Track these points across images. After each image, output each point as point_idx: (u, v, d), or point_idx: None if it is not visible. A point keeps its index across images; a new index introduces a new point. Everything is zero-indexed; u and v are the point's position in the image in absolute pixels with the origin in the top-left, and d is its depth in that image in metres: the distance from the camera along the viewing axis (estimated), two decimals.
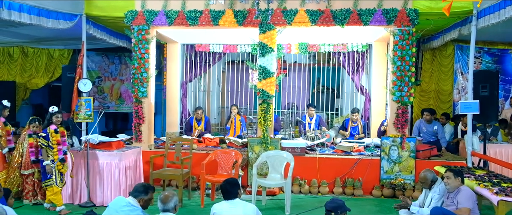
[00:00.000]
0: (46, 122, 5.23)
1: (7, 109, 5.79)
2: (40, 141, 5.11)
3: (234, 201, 3.49)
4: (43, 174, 5.19)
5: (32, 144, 5.33)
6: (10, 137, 5.76)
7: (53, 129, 5.16)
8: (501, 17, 5.20)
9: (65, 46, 9.24)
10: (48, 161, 5.09)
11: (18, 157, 5.51)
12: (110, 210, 3.42)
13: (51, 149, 5.13)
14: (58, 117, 5.24)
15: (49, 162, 5.09)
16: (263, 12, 6.13)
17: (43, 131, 5.16)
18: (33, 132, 5.37)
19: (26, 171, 5.44)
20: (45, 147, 5.10)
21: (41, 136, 5.11)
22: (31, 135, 5.36)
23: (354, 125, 7.72)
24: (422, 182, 4.28)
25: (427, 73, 8.52)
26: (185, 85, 8.85)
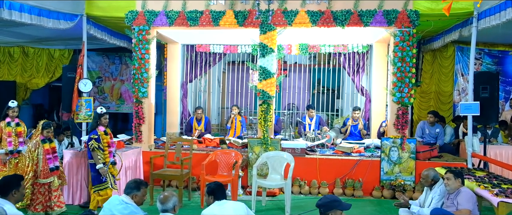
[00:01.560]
0: (94, 123, 5.05)
1: (11, 109, 5.47)
2: (92, 143, 4.84)
3: (223, 202, 3.48)
4: (96, 178, 4.94)
5: (49, 150, 4.95)
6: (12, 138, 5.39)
7: (102, 131, 4.98)
8: (501, 18, 5.21)
9: (65, 46, 9.24)
10: (101, 164, 4.87)
11: (32, 165, 4.87)
12: (105, 210, 3.42)
13: (101, 151, 4.91)
14: (106, 118, 5.06)
15: (102, 165, 4.88)
16: (264, 12, 6.14)
17: (93, 133, 4.94)
18: (46, 137, 4.97)
19: (45, 179, 4.91)
20: (96, 149, 4.87)
21: (93, 138, 4.87)
22: (46, 141, 4.96)
23: (355, 123, 7.71)
24: (423, 178, 4.28)
25: (427, 75, 8.52)
26: (185, 86, 8.85)
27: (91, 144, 4.87)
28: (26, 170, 4.87)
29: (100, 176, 4.92)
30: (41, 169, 4.88)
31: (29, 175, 4.83)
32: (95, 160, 4.90)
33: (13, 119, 5.45)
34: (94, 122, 5.08)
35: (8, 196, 3.34)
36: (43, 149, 4.91)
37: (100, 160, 4.88)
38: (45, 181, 4.92)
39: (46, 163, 4.91)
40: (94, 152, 4.88)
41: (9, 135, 5.40)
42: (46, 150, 4.93)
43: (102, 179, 4.92)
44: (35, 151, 4.88)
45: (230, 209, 3.41)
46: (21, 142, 5.48)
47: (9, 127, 5.41)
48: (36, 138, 4.93)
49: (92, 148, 4.87)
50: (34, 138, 4.94)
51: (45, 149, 4.92)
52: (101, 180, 4.93)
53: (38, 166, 4.88)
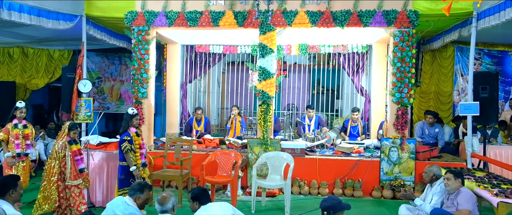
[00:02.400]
0: (125, 124, 4.95)
1: (19, 110, 5.36)
2: (126, 145, 4.75)
3: (208, 205, 3.48)
4: (123, 181, 4.88)
5: (76, 152, 4.90)
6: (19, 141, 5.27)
7: (134, 132, 4.91)
8: (501, 18, 5.21)
9: (65, 47, 9.24)
10: (134, 167, 4.79)
11: (58, 167, 4.78)
12: (108, 210, 3.44)
13: (133, 153, 4.85)
14: (138, 118, 5.00)
15: (135, 167, 4.80)
16: (263, 13, 6.14)
17: (126, 134, 4.86)
18: (72, 139, 4.88)
19: (75, 181, 4.83)
20: (129, 151, 4.81)
21: (126, 140, 4.80)
22: (72, 142, 4.88)
23: (354, 124, 7.72)
24: (426, 173, 4.34)
25: (427, 75, 8.52)
26: (185, 86, 8.85)
27: (124, 146, 4.77)
28: (52, 171, 4.76)
29: (129, 178, 4.82)
30: (69, 171, 4.79)
31: (55, 177, 4.74)
32: (128, 162, 4.81)
33: (20, 120, 5.33)
34: (125, 123, 4.95)
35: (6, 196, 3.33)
36: (70, 150, 4.83)
37: (132, 162, 4.80)
38: (75, 182, 4.82)
39: (74, 165, 4.85)
40: (127, 154, 4.78)
41: (17, 137, 5.29)
42: (74, 151, 4.87)
43: (130, 182, 4.82)
44: (62, 152, 4.78)
45: (217, 210, 3.42)
46: (29, 145, 5.38)
47: (16, 129, 5.29)
48: (61, 139, 4.82)
49: (126, 150, 4.77)
50: (60, 140, 4.83)
51: (72, 150, 4.85)
52: (129, 183, 4.80)
53: (66, 168, 4.78)
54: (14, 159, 5.25)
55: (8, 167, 5.29)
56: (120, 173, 4.91)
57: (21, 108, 5.35)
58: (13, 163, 5.25)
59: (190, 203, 3.58)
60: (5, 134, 5.28)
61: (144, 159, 5.00)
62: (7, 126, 5.29)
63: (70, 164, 4.80)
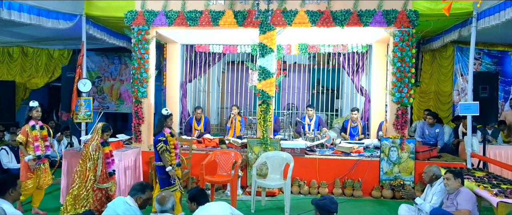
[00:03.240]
0: (160, 125, 4.85)
1: (34, 109, 5.13)
2: (161, 146, 4.69)
3: (206, 205, 3.48)
4: (164, 181, 4.82)
5: (108, 154, 4.79)
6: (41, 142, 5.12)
7: (168, 132, 4.87)
8: (501, 18, 5.21)
9: (65, 46, 9.24)
10: (170, 167, 4.75)
11: (93, 169, 4.66)
12: (109, 210, 3.44)
13: (168, 153, 4.80)
14: (172, 119, 4.95)
15: (171, 167, 4.75)
16: (263, 12, 6.13)
17: (161, 134, 4.79)
18: (105, 140, 4.78)
19: (104, 184, 4.69)
20: (165, 151, 4.75)
21: (161, 141, 4.72)
22: (105, 144, 4.77)
23: (354, 124, 7.72)
24: (425, 173, 4.34)
25: (427, 75, 8.53)
26: (184, 86, 8.85)
27: (160, 146, 4.71)
28: (87, 174, 4.63)
29: (169, 178, 4.80)
30: (99, 174, 4.68)
31: (90, 181, 4.62)
32: (165, 163, 4.75)
33: (36, 120, 5.15)
34: (159, 124, 4.87)
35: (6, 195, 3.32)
36: (103, 152, 4.72)
37: (168, 163, 4.76)
38: (103, 186, 4.70)
39: (105, 167, 4.75)
40: (162, 155, 4.74)
41: (36, 139, 5.07)
42: (106, 153, 4.75)
43: (170, 181, 4.80)
44: (96, 154, 4.66)
45: (215, 210, 3.41)
46: (47, 146, 5.20)
47: (34, 131, 5.09)
48: (95, 140, 4.70)
49: (162, 151, 4.72)
50: (93, 141, 4.72)
51: (104, 152, 4.73)
52: (170, 183, 4.80)
53: (97, 170, 4.66)
54: (35, 161, 5.04)
55: (30, 170, 5.05)
56: (159, 173, 4.86)
57: (36, 107, 5.15)
58: (35, 166, 5.03)
59: (188, 203, 3.58)
60: (24, 136, 5.03)
61: (178, 159, 4.97)
62: (24, 127, 5.06)
63: (101, 166, 4.70)
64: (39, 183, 5.15)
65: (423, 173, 4.45)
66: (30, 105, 5.15)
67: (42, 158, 5.12)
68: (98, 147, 4.68)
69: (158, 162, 4.85)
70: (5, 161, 7.15)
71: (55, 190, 6.13)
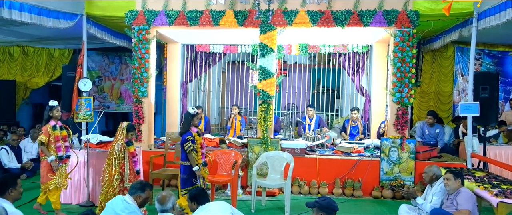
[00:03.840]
0: (186, 124, 4.77)
1: (55, 109, 5.00)
2: (189, 145, 4.62)
3: (206, 205, 3.48)
4: (187, 181, 4.75)
5: (133, 153, 4.80)
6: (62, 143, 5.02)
7: (195, 131, 4.79)
8: (501, 19, 5.21)
9: (65, 46, 9.24)
10: (197, 167, 4.67)
11: (118, 168, 4.68)
12: (108, 209, 3.44)
13: (195, 153, 4.73)
14: (199, 118, 4.87)
15: (197, 167, 4.68)
16: (264, 12, 6.14)
17: (188, 134, 4.71)
18: (130, 140, 4.78)
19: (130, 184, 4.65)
20: (192, 151, 4.67)
21: (189, 140, 4.65)
22: (129, 143, 4.78)
23: (354, 124, 7.72)
24: (426, 173, 4.34)
25: (427, 75, 8.53)
26: (185, 86, 8.85)
27: (188, 145, 4.63)
28: (113, 174, 4.65)
29: (192, 178, 4.74)
30: (128, 173, 4.69)
31: (117, 181, 4.64)
32: (192, 162, 4.68)
33: (56, 120, 5.05)
34: (186, 123, 4.79)
35: (5, 194, 3.33)
36: (128, 151, 4.75)
37: (195, 162, 4.70)
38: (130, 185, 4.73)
39: (132, 166, 4.76)
40: (190, 154, 4.66)
41: (57, 139, 4.98)
42: (131, 152, 4.78)
43: (193, 181, 4.73)
44: (122, 154, 4.68)
45: (215, 210, 3.42)
46: (67, 147, 5.11)
47: (56, 131, 4.98)
48: (119, 140, 4.72)
49: (189, 150, 4.65)
50: (118, 140, 4.73)
51: (130, 152, 4.77)
52: (192, 183, 4.72)
53: (124, 169, 4.69)
54: (58, 162, 4.95)
55: (52, 171, 4.95)
56: (183, 172, 4.79)
57: (57, 106, 5.03)
58: (57, 166, 4.94)
59: (189, 203, 3.58)
60: (46, 136, 4.90)
61: (204, 158, 4.93)
62: (45, 127, 4.92)
63: (128, 165, 4.73)
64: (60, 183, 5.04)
65: (423, 173, 4.45)
66: (50, 105, 5.00)
67: (64, 158, 5.04)
68: (123, 146, 4.71)
69: (184, 161, 4.77)
70: (5, 161, 7.16)
71: None
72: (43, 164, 4.98)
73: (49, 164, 4.91)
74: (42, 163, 5.01)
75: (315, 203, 3.18)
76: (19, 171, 7.14)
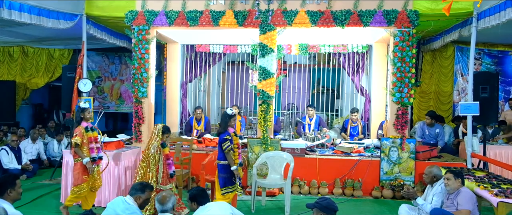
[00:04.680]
0: (224, 124, 4.74)
1: (87, 111, 4.93)
2: (228, 145, 4.61)
3: (206, 205, 3.48)
4: (227, 180, 4.73)
5: (168, 155, 4.81)
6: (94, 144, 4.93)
7: (232, 132, 4.79)
8: (501, 18, 5.21)
9: (65, 46, 9.24)
10: (235, 166, 4.67)
11: (154, 170, 4.68)
12: (109, 209, 3.44)
13: (233, 153, 4.71)
14: (236, 119, 4.88)
15: (236, 167, 4.67)
16: (264, 12, 6.14)
17: (226, 134, 4.70)
18: (165, 142, 4.78)
19: (166, 186, 4.76)
20: (231, 151, 4.66)
21: (227, 140, 4.64)
22: (164, 145, 4.78)
23: (354, 125, 7.72)
24: (426, 174, 4.34)
25: (427, 75, 8.53)
26: (185, 86, 8.85)
27: (227, 145, 4.62)
28: (149, 176, 4.63)
29: (232, 178, 4.74)
30: (162, 175, 4.69)
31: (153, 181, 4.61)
32: (230, 162, 4.67)
33: (88, 122, 4.96)
34: (224, 123, 4.77)
35: (4, 195, 3.33)
36: (163, 153, 4.73)
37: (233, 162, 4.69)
38: (166, 187, 4.71)
39: (166, 169, 4.77)
40: (228, 154, 4.65)
41: (90, 140, 4.89)
42: (166, 154, 4.78)
43: (233, 180, 4.74)
44: (158, 155, 4.67)
45: (215, 210, 3.42)
46: (99, 148, 5.01)
47: (89, 132, 4.91)
48: (154, 142, 4.69)
49: (227, 150, 4.64)
50: (153, 142, 4.70)
51: (164, 153, 4.76)
52: (232, 182, 4.74)
53: (158, 171, 4.68)
54: (92, 164, 4.86)
55: (86, 173, 4.86)
56: (222, 171, 4.76)
57: (88, 108, 4.98)
58: (92, 168, 4.86)
59: (189, 203, 3.58)
60: (80, 137, 4.81)
61: (240, 158, 4.91)
62: (79, 129, 4.84)
63: (163, 167, 4.73)
64: (92, 185, 4.96)
65: (423, 174, 4.45)
66: (82, 107, 4.95)
67: (96, 160, 4.95)
68: (159, 148, 4.69)
69: (222, 161, 4.76)
70: (5, 161, 7.15)
71: (56, 190, 6.14)
72: (77, 166, 4.86)
73: (83, 166, 4.82)
74: (75, 165, 4.90)
75: (315, 204, 3.19)
76: (19, 172, 7.14)
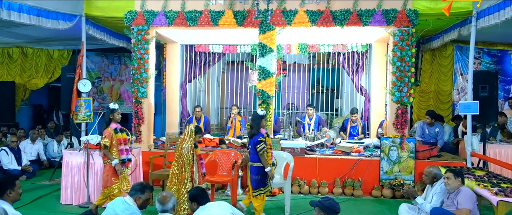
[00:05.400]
0: (257, 126, 4.74)
1: (116, 112, 4.91)
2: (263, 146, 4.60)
3: (207, 205, 3.48)
4: (260, 182, 4.71)
5: (201, 156, 4.81)
6: (124, 146, 4.89)
7: (265, 132, 4.79)
8: (500, 18, 5.21)
9: (64, 47, 9.24)
10: (269, 167, 4.66)
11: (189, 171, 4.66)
12: (109, 210, 3.44)
13: (266, 153, 4.71)
14: (267, 119, 4.85)
15: (270, 168, 4.66)
16: (263, 12, 6.14)
17: (261, 135, 4.70)
18: (196, 142, 4.75)
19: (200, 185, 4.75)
20: (265, 152, 4.66)
21: (262, 141, 4.62)
22: (196, 146, 4.76)
23: (354, 124, 7.72)
24: (426, 175, 4.35)
25: (426, 74, 8.53)
26: (184, 86, 8.85)
27: (262, 146, 4.62)
28: (185, 175, 4.63)
29: (265, 179, 4.73)
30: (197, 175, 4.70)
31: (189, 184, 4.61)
32: (264, 163, 4.66)
33: (117, 123, 4.94)
34: (256, 124, 4.75)
35: (4, 196, 3.32)
36: (196, 154, 4.74)
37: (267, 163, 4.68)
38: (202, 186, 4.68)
39: (200, 168, 4.78)
40: (263, 155, 4.64)
41: (119, 142, 4.85)
42: (198, 155, 4.78)
43: (266, 182, 4.73)
44: (192, 155, 4.68)
45: (216, 210, 3.42)
46: (127, 150, 4.96)
47: (118, 134, 4.88)
48: (187, 142, 4.68)
49: (262, 151, 4.63)
50: (185, 143, 4.68)
51: (197, 154, 4.77)
52: (265, 183, 4.72)
53: (193, 172, 4.68)
54: (121, 166, 4.82)
55: (116, 175, 4.82)
56: (255, 173, 4.74)
57: (117, 109, 4.96)
58: (121, 170, 4.81)
59: (189, 203, 3.58)
60: (109, 139, 4.78)
61: (273, 158, 4.91)
62: (108, 130, 4.82)
63: (197, 167, 4.74)
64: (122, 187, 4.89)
65: (423, 175, 4.45)
66: (112, 108, 4.91)
67: (126, 162, 4.92)
68: (191, 148, 4.68)
69: (256, 162, 4.73)
70: (5, 162, 7.15)
71: (55, 190, 6.13)
72: (106, 168, 4.84)
73: (113, 168, 4.78)
74: (104, 167, 4.88)
75: (317, 202, 3.20)
76: (19, 172, 7.14)
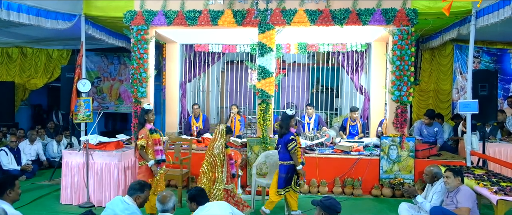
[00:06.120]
0: (286, 125, 4.77)
1: (151, 112, 4.85)
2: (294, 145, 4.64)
3: (206, 205, 3.48)
4: (285, 181, 4.75)
5: (231, 156, 4.80)
6: (160, 146, 4.85)
7: (294, 131, 4.81)
8: (500, 16, 5.22)
9: (64, 47, 9.23)
10: (300, 166, 4.71)
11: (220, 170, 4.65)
12: (108, 209, 3.44)
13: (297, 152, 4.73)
14: (296, 119, 4.86)
15: (301, 166, 4.71)
16: (262, 12, 6.13)
17: (291, 134, 4.72)
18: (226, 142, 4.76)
19: (229, 185, 4.77)
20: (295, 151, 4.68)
21: (293, 140, 4.66)
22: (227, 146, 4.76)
23: (353, 123, 7.71)
24: (426, 174, 4.36)
25: (426, 73, 8.53)
26: (184, 86, 8.85)
27: (293, 145, 4.65)
28: (216, 175, 4.61)
29: (293, 178, 4.76)
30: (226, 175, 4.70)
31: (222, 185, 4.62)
32: (295, 162, 4.69)
33: (151, 123, 4.88)
34: (285, 124, 4.78)
35: (4, 196, 3.33)
36: (226, 154, 4.74)
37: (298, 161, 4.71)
38: (229, 187, 4.73)
39: (229, 169, 4.79)
40: (294, 154, 4.66)
41: (155, 143, 4.81)
42: (229, 155, 4.78)
43: (295, 180, 4.77)
44: (223, 155, 4.69)
45: (215, 210, 3.42)
46: (162, 150, 4.90)
47: (153, 134, 4.83)
48: (218, 142, 4.67)
49: (294, 150, 4.66)
50: (216, 142, 4.67)
51: (228, 154, 4.77)
52: (289, 183, 4.75)
53: (223, 172, 4.67)
54: (157, 166, 4.78)
55: (151, 176, 4.77)
56: (285, 171, 4.76)
57: (152, 110, 4.90)
58: (157, 171, 4.76)
59: (188, 203, 3.58)
60: (146, 140, 4.72)
61: (302, 157, 4.93)
62: (144, 131, 4.75)
63: (226, 167, 4.74)
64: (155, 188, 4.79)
65: (423, 174, 4.46)
66: (146, 109, 4.85)
67: (161, 162, 4.86)
68: (222, 148, 4.69)
69: (286, 161, 4.75)
70: (5, 162, 7.15)
71: (55, 191, 6.13)
72: (142, 169, 4.77)
73: (149, 169, 4.74)
74: (140, 168, 4.82)
75: (319, 202, 3.20)
76: (18, 172, 7.13)
